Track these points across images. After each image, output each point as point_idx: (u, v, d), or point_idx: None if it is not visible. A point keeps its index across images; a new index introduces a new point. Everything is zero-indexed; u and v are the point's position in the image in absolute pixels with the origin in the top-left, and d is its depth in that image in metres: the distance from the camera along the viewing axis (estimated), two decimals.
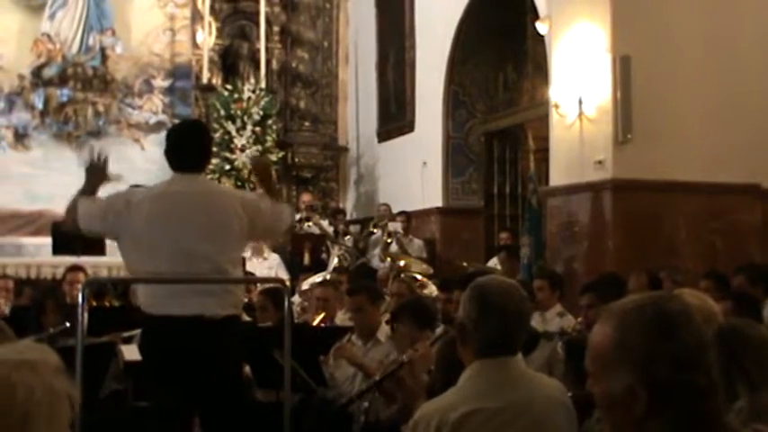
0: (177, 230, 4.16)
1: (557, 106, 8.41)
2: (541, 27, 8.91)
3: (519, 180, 11.23)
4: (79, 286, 5.87)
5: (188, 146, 4.40)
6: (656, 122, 7.87)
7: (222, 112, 12.30)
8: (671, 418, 1.66)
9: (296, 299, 7.86)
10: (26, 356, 1.55)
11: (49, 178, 12.14)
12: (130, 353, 4.89)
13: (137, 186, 4.99)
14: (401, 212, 11.22)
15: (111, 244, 5.39)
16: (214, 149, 11.76)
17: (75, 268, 7.58)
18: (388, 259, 9.83)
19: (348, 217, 13.10)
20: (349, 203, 14.04)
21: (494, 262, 10.00)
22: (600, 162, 7.91)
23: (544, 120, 9.00)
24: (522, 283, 6.47)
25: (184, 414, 4.25)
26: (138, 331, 4.81)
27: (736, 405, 2.60)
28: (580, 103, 8.11)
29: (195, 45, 12.88)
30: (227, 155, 12.12)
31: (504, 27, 10.81)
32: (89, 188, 4.42)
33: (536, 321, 6.05)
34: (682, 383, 1.66)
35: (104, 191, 4.47)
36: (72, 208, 4.33)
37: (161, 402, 4.22)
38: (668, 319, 1.71)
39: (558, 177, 8.61)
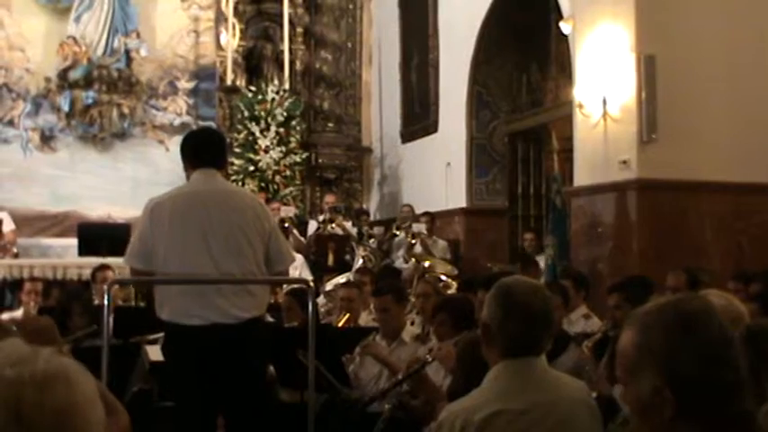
0: (198, 230, 4.19)
1: (581, 106, 8.37)
2: (565, 27, 8.87)
3: (543, 180, 11.16)
4: None
5: (204, 143, 4.53)
6: (681, 122, 7.80)
7: (246, 114, 12.36)
8: (701, 418, 1.64)
9: (320, 300, 7.86)
10: (53, 367, 1.35)
11: (74, 180, 12.28)
12: (155, 353, 4.91)
13: None
14: (425, 213, 11.21)
15: None
16: (238, 150, 11.92)
17: (105, 267, 7.65)
18: (413, 260, 9.81)
19: (372, 218, 13.09)
20: (372, 204, 14.04)
21: None
22: (624, 162, 7.86)
23: (568, 120, 8.96)
24: (553, 284, 6.42)
25: (209, 414, 4.27)
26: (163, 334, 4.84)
27: (765, 407, 2.57)
28: (604, 102, 8.07)
29: (219, 47, 12.95)
30: (252, 156, 12.18)
31: (528, 27, 10.77)
32: None
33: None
34: (708, 380, 1.64)
35: None
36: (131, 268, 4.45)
37: (186, 403, 4.24)
38: (689, 317, 1.70)
39: (582, 177, 8.57)
